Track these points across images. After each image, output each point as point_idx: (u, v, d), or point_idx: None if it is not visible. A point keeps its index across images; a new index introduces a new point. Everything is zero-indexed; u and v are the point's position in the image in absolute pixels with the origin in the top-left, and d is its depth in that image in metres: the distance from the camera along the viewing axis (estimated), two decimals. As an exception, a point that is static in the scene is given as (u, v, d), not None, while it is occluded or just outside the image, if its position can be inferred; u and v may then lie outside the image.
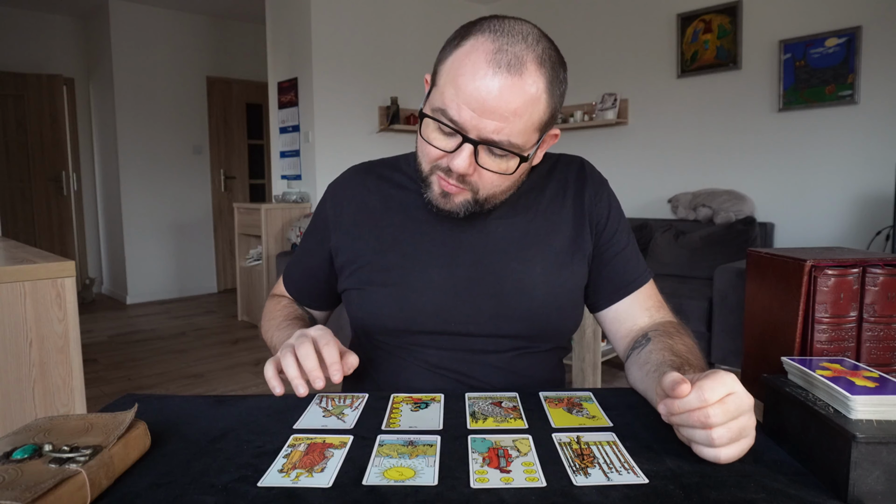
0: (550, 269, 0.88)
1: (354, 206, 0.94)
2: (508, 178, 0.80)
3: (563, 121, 4.61)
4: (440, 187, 0.81)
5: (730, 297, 3.07)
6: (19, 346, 1.49)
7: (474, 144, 0.75)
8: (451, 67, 0.76)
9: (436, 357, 0.89)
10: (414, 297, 0.87)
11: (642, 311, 0.92)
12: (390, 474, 0.58)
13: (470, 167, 0.76)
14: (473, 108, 0.73)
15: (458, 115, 0.74)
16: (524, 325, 0.88)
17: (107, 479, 0.55)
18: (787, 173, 3.62)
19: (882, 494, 0.52)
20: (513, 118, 0.73)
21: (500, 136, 0.74)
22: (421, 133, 0.81)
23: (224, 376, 3.36)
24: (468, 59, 0.74)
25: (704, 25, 3.89)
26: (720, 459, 0.56)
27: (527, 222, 0.90)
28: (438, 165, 0.80)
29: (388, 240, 0.91)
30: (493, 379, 0.89)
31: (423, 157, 0.82)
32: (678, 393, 0.57)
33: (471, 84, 0.73)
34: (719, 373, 0.57)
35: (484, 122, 0.73)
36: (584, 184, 0.93)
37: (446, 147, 0.77)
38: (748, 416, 0.57)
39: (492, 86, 0.72)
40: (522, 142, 0.76)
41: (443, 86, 0.77)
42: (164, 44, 5.52)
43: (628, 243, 0.94)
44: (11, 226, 5.19)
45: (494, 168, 0.78)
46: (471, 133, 0.74)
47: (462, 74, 0.74)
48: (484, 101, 0.72)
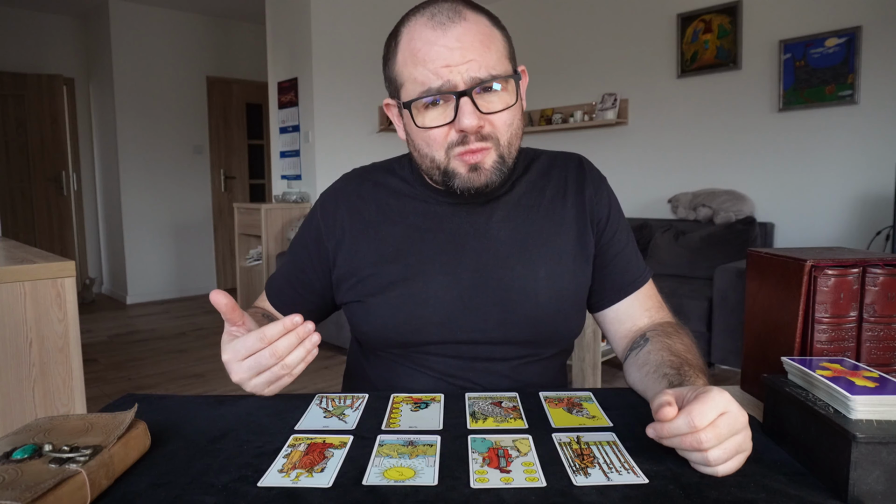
0: (554, 271, 0.87)
1: (349, 216, 0.91)
2: (515, 112, 0.81)
3: (563, 121, 4.62)
4: (466, 164, 0.79)
5: (730, 297, 3.07)
6: (19, 346, 1.48)
7: (468, 94, 0.76)
8: (404, 59, 0.79)
9: (441, 365, 0.88)
10: (419, 309, 0.85)
11: (642, 311, 0.91)
12: (390, 474, 0.57)
13: (479, 118, 0.77)
14: (446, 65, 0.75)
15: (437, 81, 0.76)
16: (530, 331, 0.87)
17: (107, 479, 0.55)
18: (787, 173, 3.61)
19: (882, 494, 0.52)
20: (482, 51, 0.76)
21: (481, 72, 0.76)
22: (416, 125, 0.79)
23: (224, 376, 3.34)
24: (415, 41, 0.77)
25: (704, 25, 3.89)
26: (718, 474, 0.56)
27: (529, 224, 0.89)
28: (451, 143, 0.79)
29: (388, 250, 0.88)
30: (498, 385, 0.88)
31: (433, 146, 0.80)
32: (662, 416, 0.56)
33: (432, 50, 0.76)
34: (711, 392, 0.56)
35: (460, 69, 0.75)
36: (584, 181, 0.92)
37: (446, 118, 0.78)
38: (743, 434, 0.56)
39: (447, 39, 0.76)
40: (503, 70, 0.79)
41: (407, 77, 0.79)
42: (164, 44, 5.52)
43: (628, 242, 0.93)
44: (11, 226, 5.19)
45: (498, 106, 0.78)
46: (458, 87, 0.76)
47: (418, 51, 0.77)
48: (449, 53, 0.75)
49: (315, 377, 3.31)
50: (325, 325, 4.40)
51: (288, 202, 4.46)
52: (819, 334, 0.73)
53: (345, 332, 3.57)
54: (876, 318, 0.73)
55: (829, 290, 0.72)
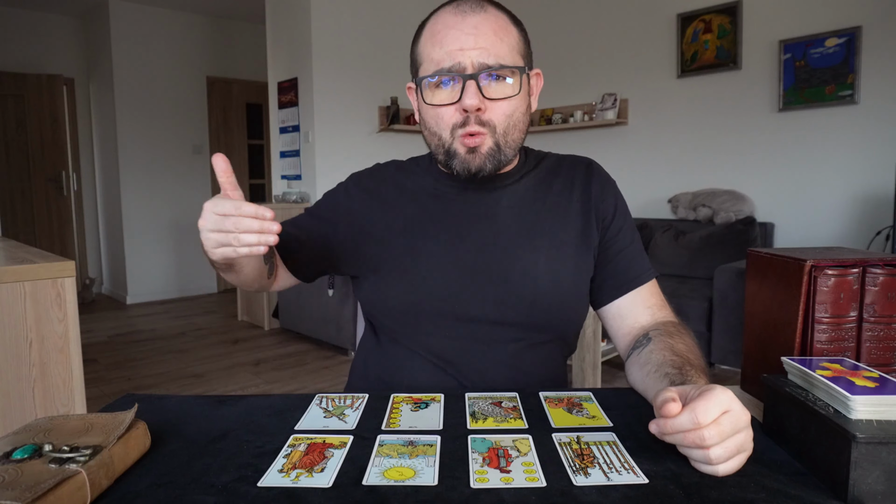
0: (555, 258, 0.90)
1: (369, 195, 0.98)
2: (517, 103, 0.85)
3: (563, 121, 4.61)
4: (464, 145, 0.84)
5: (730, 297, 3.07)
6: (19, 346, 1.48)
7: (474, 77, 0.81)
8: (425, 40, 0.86)
9: (439, 346, 0.90)
10: (420, 280, 0.89)
11: (644, 308, 0.92)
12: (390, 474, 0.58)
13: (480, 101, 0.82)
14: (460, 48, 0.82)
15: (449, 62, 0.82)
16: (527, 312, 0.88)
17: (107, 479, 0.55)
18: (787, 173, 3.61)
19: (882, 494, 0.52)
20: (494, 40, 0.82)
21: (490, 59, 0.82)
22: (426, 103, 0.85)
23: (224, 376, 3.36)
24: (437, 24, 0.84)
25: (704, 25, 3.89)
26: (718, 474, 0.56)
27: (534, 213, 0.92)
28: (456, 124, 0.84)
29: (397, 226, 0.93)
30: (495, 373, 0.89)
31: (440, 124, 0.86)
32: (666, 412, 0.56)
33: (449, 34, 0.83)
34: (715, 390, 0.56)
35: (471, 54, 0.81)
36: (591, 181, 0.95)
37: (453, 97, 0.83)
38: (745, 433, 0.56)
39: (465, 25, 0.82)
40: (511, 62, 0.84)
41: (426, 56, 0.85)
42: (164, 44, 5.51)
43: (633, 241, 0.95)
44: (11, 226, 5.19)
45: (500, 94, 0.83)
46: (467, 70, 0.82)
47: (437, 32, 0.84)
48: (465, 38, 0.82)
49: (315, 377, 3.31)
50: (325, 325, 4.35)
51: (288, 202, 4.45)
52: (819, 334, 0.73)
53: (345, 332, 3.57)
54: (876, 318, 0.73)
55: (829, 290, 0.72)
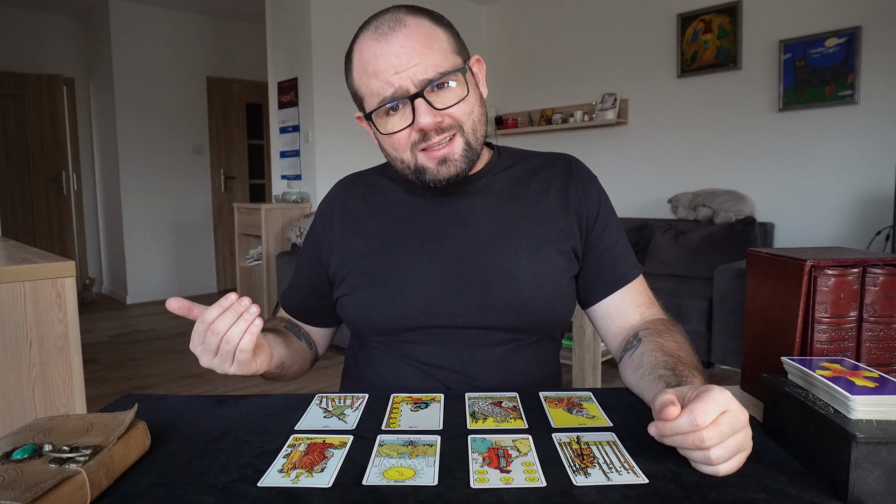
0: (534, 258, 0.89)
1: (341, 217, 0.97)
2: (472, 101, 0.84)
3: (563, 120, 4.61)
4: (433, 158, 0.83)
5: (730, 297, 3.07)
6: (19, 346, 1.48)
7: (420, 95, 0.80)
8: (358, 74, 0.84)
9: (427, 355, 0.89)
10: (401, 295, 0.88)
11: (633, 307, 0.92)
12: (390, 474, 0.58)
13: (435, 115, 0.81)
14: (395, 72, 0.80)
15: (390, 89, 0.81)
16: (512, 315, 0.88)
17: (107, 479, 0.55)
18: (787, 173, 3.61)
19: (882, 494, 0.52)
20: (424, 52, 0.80)
21: (428, 72, 0.80)
22: (382, 133, 0.85)
23: (224, 376, 3.35)
24: (364, 55, 0.83)
25: (704, 25, 3.89)
26: (719, 474, 0.56)
27: (510, 213, 0.91)
28: (414, 142, 0.83)
29: (373, 243, 0.92)
30: (486, 376, 0.88)
31: (399, 148, 0.85)
32: (666, 415, 0.56)
33: (379, 61, 0.81)
34: (712, 391, 0.56)
35: (407, 74, 0.80)
36: (570, 179, 0.94)
37: (406, 121, 0.82)
38: (744, 433, 0.56)
39: (391, 47, 0.80)
40: (450, 66, 0.82)
41: (365, 90, 0.84)
42: (164, 44, 5.51)
43: (618, 239, 0.95)
44: (11, 226, 5.18)
45: (452, 100, 0.82)
46: (410, 91, 0.80)
47: (368, 63, 0.82)
48: (396, 61, 0.80)
49: (315, 377, 3.31)
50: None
51: (288, 202, 4.45)
52: (819, 334, 0.73)
53: (344, 332, 3.56)
54: (876, 318, 0.73)
55: (829, 290, 0.72)
